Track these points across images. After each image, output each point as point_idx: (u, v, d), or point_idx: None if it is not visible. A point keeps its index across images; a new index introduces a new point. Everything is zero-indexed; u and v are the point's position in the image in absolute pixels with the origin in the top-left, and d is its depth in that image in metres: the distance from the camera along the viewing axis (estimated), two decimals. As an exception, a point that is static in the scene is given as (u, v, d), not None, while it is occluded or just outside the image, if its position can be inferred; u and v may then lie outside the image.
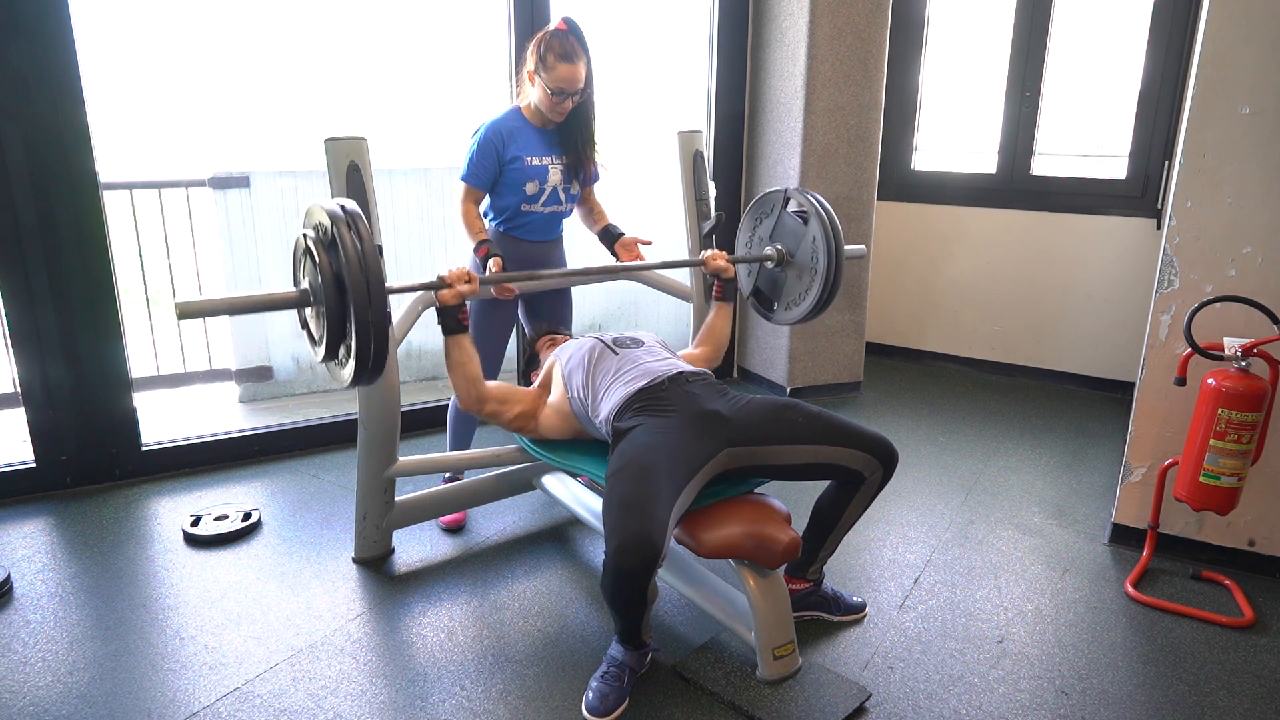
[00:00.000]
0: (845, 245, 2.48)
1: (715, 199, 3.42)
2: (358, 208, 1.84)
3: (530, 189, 2.60)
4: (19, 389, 2.85)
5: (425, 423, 3.54)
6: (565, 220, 2.79)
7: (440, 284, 2.10)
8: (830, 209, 2.44)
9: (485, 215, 2.70)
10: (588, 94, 2.55)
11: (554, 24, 2.48)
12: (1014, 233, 4.26)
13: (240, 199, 3.93)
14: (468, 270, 2.12)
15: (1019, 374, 4.41)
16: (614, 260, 2.74)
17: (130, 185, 4.04)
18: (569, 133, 2.61)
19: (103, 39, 3.64)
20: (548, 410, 2.33)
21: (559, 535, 2.80)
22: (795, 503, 2.35)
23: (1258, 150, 2.34)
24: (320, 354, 1.89)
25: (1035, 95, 4.11)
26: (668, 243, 3.16)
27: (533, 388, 2.41)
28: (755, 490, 2.16)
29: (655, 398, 2.10)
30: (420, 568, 2.58)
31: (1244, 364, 2.30)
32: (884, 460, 2.10)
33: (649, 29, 4.42)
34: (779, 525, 2.01)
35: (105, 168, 2.84)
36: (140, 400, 3.09)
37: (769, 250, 2.58)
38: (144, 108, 4.79)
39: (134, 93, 4.64)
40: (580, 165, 2.65)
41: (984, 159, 4.31)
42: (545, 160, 2.60)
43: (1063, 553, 2.71)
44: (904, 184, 4.50)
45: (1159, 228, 3.84)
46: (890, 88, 4.22)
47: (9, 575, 2.45)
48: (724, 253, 2.52)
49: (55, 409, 2.89)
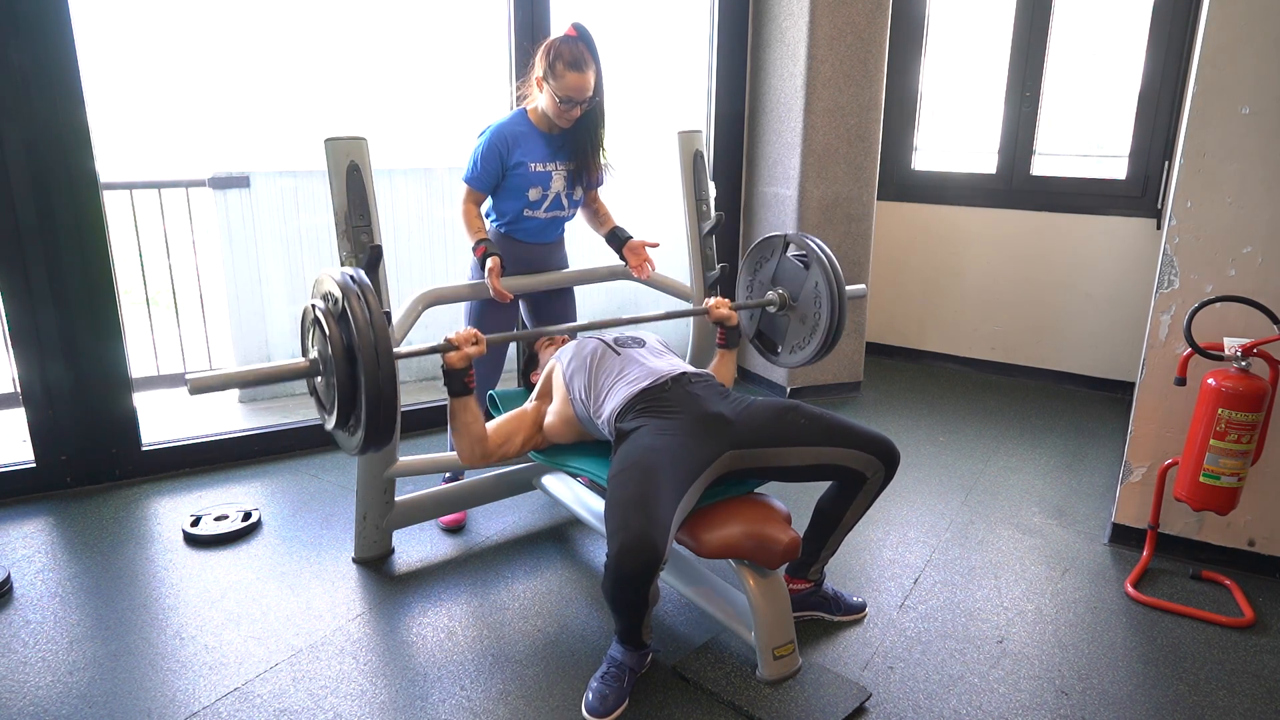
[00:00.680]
0: (846, 286, 2.47)
1: (715, 199, 3.42)
2: (367, 279, 1.83)
3: (533, 194, 2.60)
4: (19, 389, 2.85)
5: (425, 423, 3.54)
6: (568, 223, 2.79)
7: (448, 346, 2.04)
8: (830, 253, 2.43)
9: (486, 216, 2.70)
10: (596, 101, 2.54)
11: (564, 30, 2.45)
12: (1014, 233, 4.26)
13: (240, 199, 3.93)
14: (474, 331, 2.05)
15: (1019, 374, 4.41)
16: (620, 262, 2.75)
17: (130, 185, 4.04)
18: (575, 139, 2.60)
19: (103, 39, 3.64)
20: (551, 418, 2.32)
21: (559, 535, 2.80)
22: (796, 503, 2.35)
23: (1258, 150, 2.34)
24: (331, 422, 1.89)
25: (1035, 95, 4.11)
26: (668, 243, 3.15)
27: (528, 406, 2.38)
28: (755, 490, 2.16)
29: (658, 398, 2.10)
30: (420, 568, 2.58)
31: (1244, 364, 2.30)
32: (885, 460, 2.10)
33: (649, 29, 4.42)
34: (779, 525, 2.01)
35: (105, 168, 2.84)
36: (140, 400, 3.09)
37: (770, 295, 2.58)
38: (144, 108, 4.78)
39: (134, 93, 4.63)
40: (585, 171, 2.64)
41: (984, 159, 4.31)
42: (549, 166, 2.60)
43: (1063, 553, 2.72)
44: (904, 184, 4.50)
45: (1159, 228, 3.84)
46: (890, 88, 4.22)
47: (9, 575, 2.45)
48: (727, 300, 2.49)
49: (55, 409, 2.89)
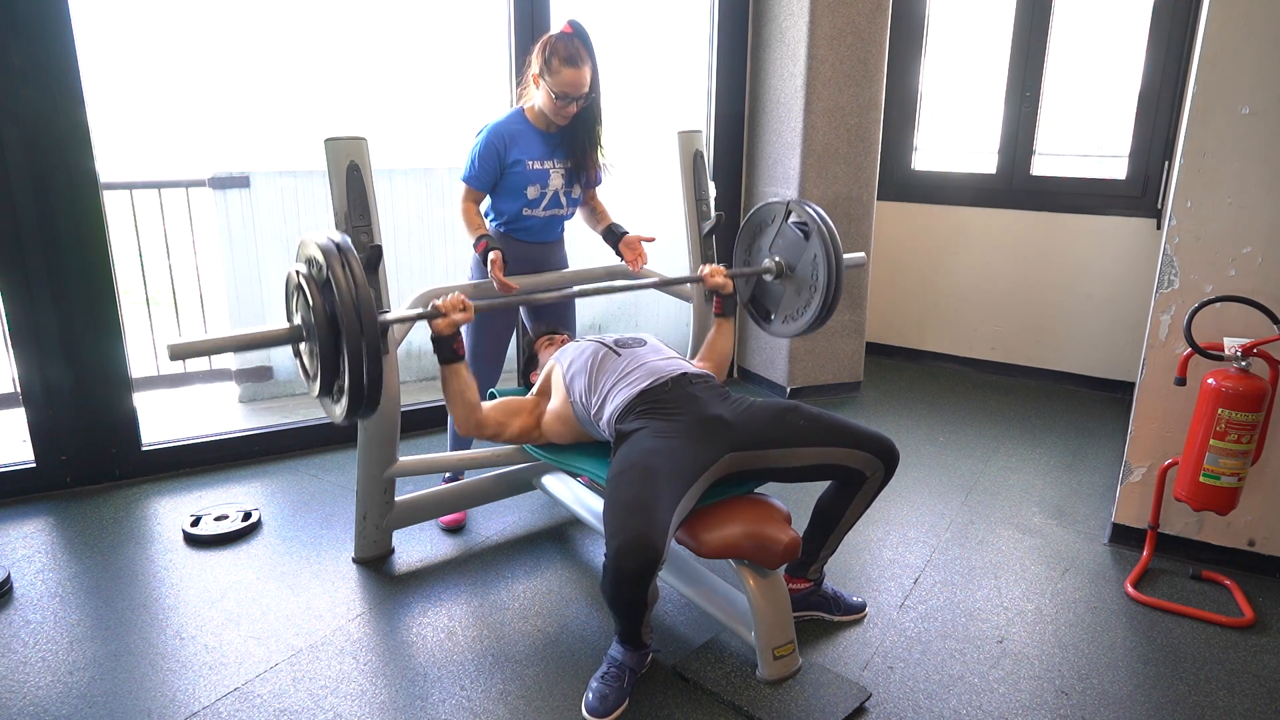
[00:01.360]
0: (845, 255, 2.47)
1: (715, 199, 3.41)
2: (349, 241, 1.82)
3: (531, 192, 2.60)
4: (19, 389, 2.85)
5: (425, 423, 3.54)
6: (567, 222, 2.79)
7: (435, 313, 2.06)
8: (831, 225, 2.43)
9: (486, 215, 2.70)
10: (593, 98, 2.54)
11: (560, 27, 2.46)
12: (1014, 233, 4.26)
13: (240, 199, 3.93)
14: (461, 298, 2.08)
15: (1019, 374, 4.41)
16: (618, 259, 2.74)
17: (130, 185, 4.04)
18: (573, 136, 2.60)
19: (103, 39, 3.64)
20: (549, 417, 2.32)
21: (559, 535, 2.80)
22: (795, 503, 2.35)
23: (1258, 150, 2.34)
24: (315, 389, 1.88)
25: (1035, 95, 4.11)
26: (668, 243, 3.15)
27: (531, 395, 2.40)
28: (755, 490, 2.16)
29: (658, 400, 2.10)
30: (420, 568, 2.58)
31: (1244, 364, 2.30)
32: (885, 459, 2.10)
33: (649, 29, 4.42)
34: (779, 525, 2.01)
35: (105, 168, 2.84)
36: (140, 400, 3.09)
37: (767, 263, 2.57)
38: (144, 108, 4.79)
39: (134, 93, 4.63)
40: (583, 169, 2.64)
41: (984, 159, 4.31)
42: (547, 164, 2.60)
43: (1063, 553, 2.71)
44: (904, 184, 4.50)
45: (1159, 228, 3.84)
46: (890, 88, 4.22)
47: (9, 575, 2.45)
48: (722, 268, 2.49)
49: (55, 409, 2.89)
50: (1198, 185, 2.43)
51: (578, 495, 2.56)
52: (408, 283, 4.04)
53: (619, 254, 2.73)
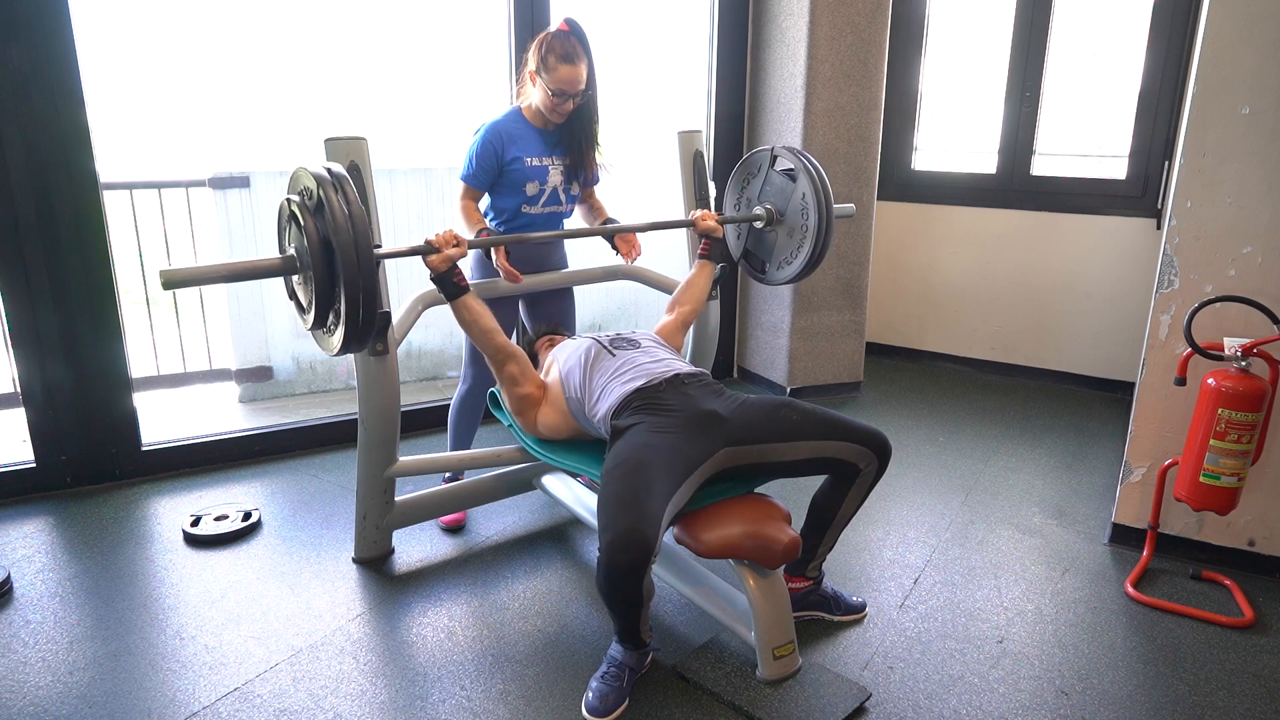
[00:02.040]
0: (835, 204, 2.47)
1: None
2: (344, 170, 1.82)
3: (530, 190, 2.60)
4: (19, 389, 2.85)
5: (425, 423, 3.54)
6: (566, 220, 2.79)
7: (428, 249, 2.11)
8: (819, 165, 2.44)
9: (485, 214, 2.70)
10: (589, 95, 2.55)
11: (556, 25, 2.47)
12: (1014, 233, 4.26)
13: (240, 199, 3.93)
14: (453, 233, 2.14)
15: (1019, 374, 4.41)
16: (613, 254, 2.75)
17: (130, 185, 4.04)
18: (570, 134, 2.60)
19: (103, 39, 3.64)
20: (545, 407, 2.34)
21: (559, 535, 2.80)
22: (795, 503, 2.35)
23: (1258, 150, 2.34)
24: (309, 321, 1.87)
25: (1035, 95, 4.11)
26: (668, 242, 3.15)
27: (540, 377, 2.41)
28: (755, 490, 2.16)
29: (653, 397, 2.11)
30: (420, 568, 2.58)
31: (1244, 364, 2.30)
32: (878, 452, 2.11)
33: (649, 29, 4.42)
34: (779, 525, 2.01)
35: (105, 168, 2.84)
36: (140, 400, 3.09)
37: (758, 210, 2.57)
38: (144, 108, 4.78)
39: (134, 93, 4.63)
40: (581, 166, 2.65)
41: (984, 159, 4.31)
42: (545, 161, 2.60)
43: (1063, 553, 2.71)
44: (904, 184, 4.50)
45: (1159, 228, 3.84)
46: (890, 88, 4.22)
47: (9, 575, 2.45)
48: (714, 213, 2.52)
49: (55, 409, 2.89)
50: (1198, 185, 2.43)
51: (578, 495, 2.56)
52: (407, 282, 4.04)
53: (614, 247, 2.73)
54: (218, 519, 2.78)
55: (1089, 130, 4.24)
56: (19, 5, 2.58)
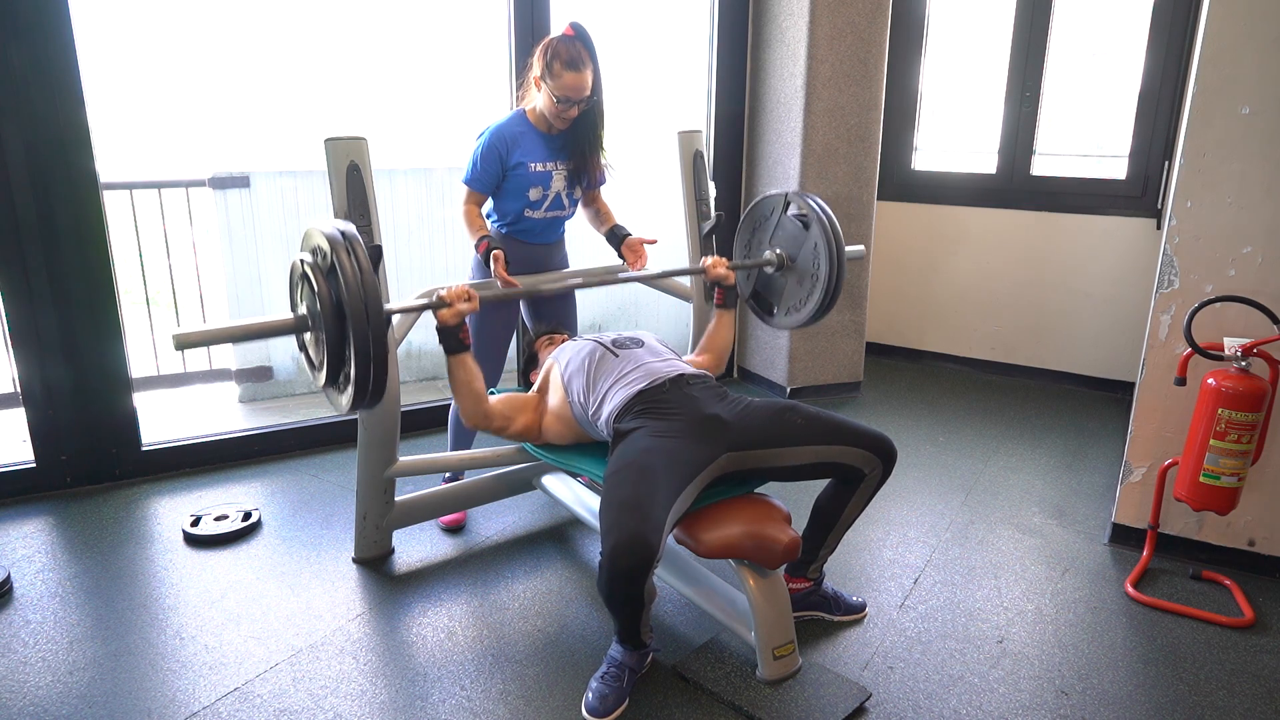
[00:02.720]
0: (846, 247, 2.46)
1: (715, 199, 3.42)
2: (355, 231, 1.82)
3: (534, 194, 2.60)
4: (19, 389, 2.85)
5: (425, 423, 3.54)
6: (568, 222, 2.79)
7: (440, 304, 2.06)
8: (831, 214, 2.43)
9: (487, 217, 2.70)
10: (595, 100, 2.53)
11: (561, 29, 2.45)
12: (1014, 233, 4.26)
13: (240, 199, 3.93)
14: (466, 288, 2.09)
15: (1019, 374, 4.41)
16: (620, 260, 2.75)
17: (130, 185, 4.04)
18: (574, 138, 2.59)
19: (103, 39, 3.64)
20: (549, 417, 2.33)
21: (559, 535, 2.80)
22: (795, 502, 2.35)
23: (1258, 150, 2.34)
24: (321, 379, 1.88)
25: (1035, 95, 4.11)
26: (668, 243, 3.15)
27: (532, 393, 2.40)
28: (755, 490, 2.16)
29: (656, 400, 2.10)
30: (420, 568, 2.58)
31: (1244, 364, 2.30)
32: (883, 457, 2.10)
33: (649, 29, 4.42)
34: (779, 525, 2.01)
35: (105, 168, 2.84)
36: (140, 400, 3.09)
37: (769, 255, 2.57)
38: (144, 108, 4.79)
39: (134, 93, 4.63)
40: (584, 171, 2.64)
41: (984, 159, 4.31)
42: (549, 166, 2.60)
43: (1063, 553, 2.71)
44: (904, 184, 4.50)
45: (1159, 228, 3.84)
46: (890, 88, 4.22)
47: (9, 575, 2.45)
48: (724, 259, 2.50)
49: (55, 409, 2.89)
50: (1198, 185, 2.43)
51: (578, 495, 2.56)
52: (408, 282, 4.04)
53: (621, 255, 2.73)
54: (218, 519, 2.78)
55: (1089, 130, 4.24)
56: (19, 5, 2.58)
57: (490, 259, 2.47)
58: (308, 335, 1.90)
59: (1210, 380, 2.32)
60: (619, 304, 4.65)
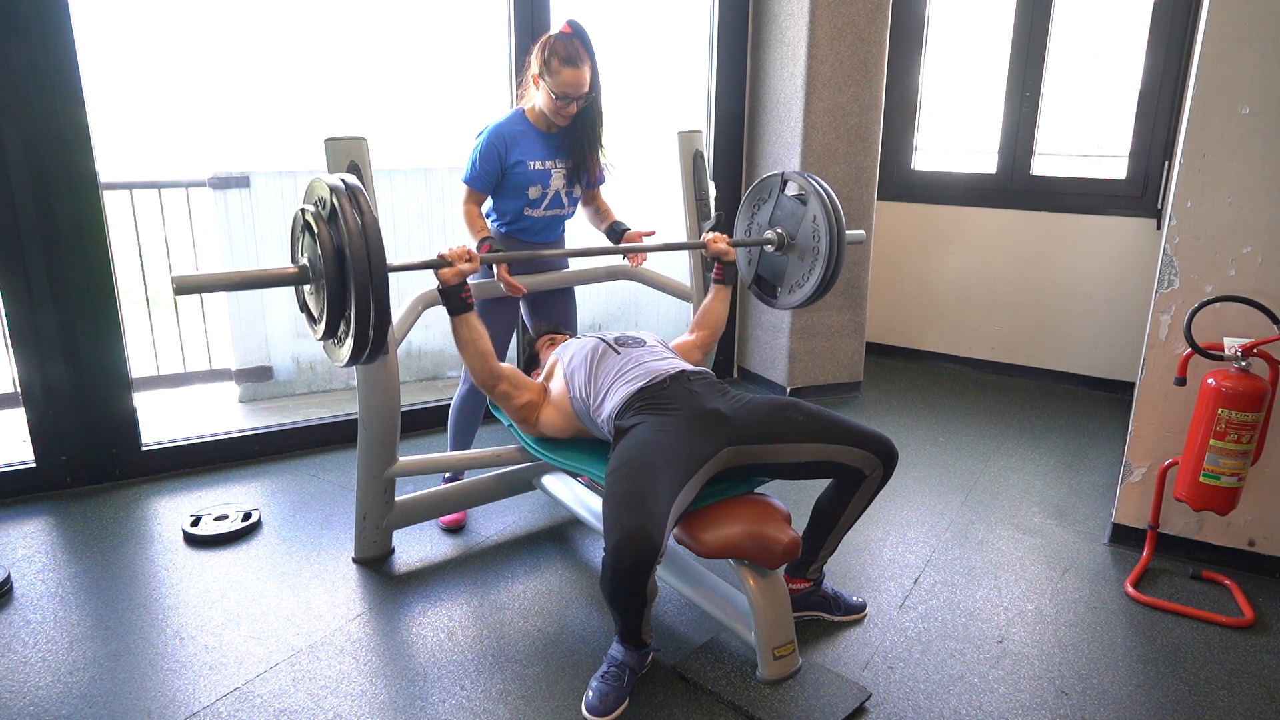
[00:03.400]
0: (846, 228, 2.46)
1: (715, 199, 3.41)
2: (359, 182, 1.82)
3: (533, 193, 2.60)
4: (19, 389, 2.85)
5: (425, 423, 3.54)
6: (569, 220, 2.79)
7: (441, 262, 2.08)
8: (829, 189, 2.43)
9: (487, 216, 2.70)
10: (593, 98, 2.54)
11: (558, 27, 2.46)
12: (1014, 233, 4.26)
13: (240, 199, 3.93)
14: (467, 248, 2.11)
15: (1019, 374, 4.41)
16: (618, 261, 2.75)
17: (130, 185, 4.04)
18: (573, 136, 2.60)
19: (103, 39, 3.64)
20: (548, 407, 2.33)
21: (559, 535, 2.80)
22: (795, 502, 2.35)
23: (1258, 150, 2.34)
24: (320, 331, 1.87)
25: (1035, 95, 4.11)
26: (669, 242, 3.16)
27: (538, 380, 2.41)
28: (755, 490, 2.16)
29: (656, 396, 2.11)
30: (420, 568, 2.58)
31: (1244, 364, 2.30)
32: (884, 458, 2.10)
33: (649, 29, 4.42)
34: (779, 525, 2.01)
35: (105, 168, 2.84)
36: (140, 400, 3.09)
37: (769, 234, 2.57)
38: (144, 108, 4.79)
39: (134, 93, 4.64)
40: (583, 169, 2.64)
41: (984, 159, 4.31)
42: (548, 164, 2.60)
43: (1063, 553, 2.71)
44: (904, 184, 4.50)
45: (1159, 228, 3.84)
46: (890, 88, 4.22)
47: (9, 575, 2.45)
48: (725, 235, 2.52)
49: (55, 409, 2.89)
50: (1198, 185, 2.43)
51: (578, 495, 2.56)
52: (407, 282, 4.05)
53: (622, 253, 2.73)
54: (218, 519, 2.78)
55: (1089, 130, 4.24)
56: (19, 5, 2.58)
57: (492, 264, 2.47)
58: (308, 288, 1.89)
59: (1210, 380, 2.32)
60: (619, 304, 4.65)
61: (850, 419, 2.13)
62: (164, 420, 3.58)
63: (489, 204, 2.68)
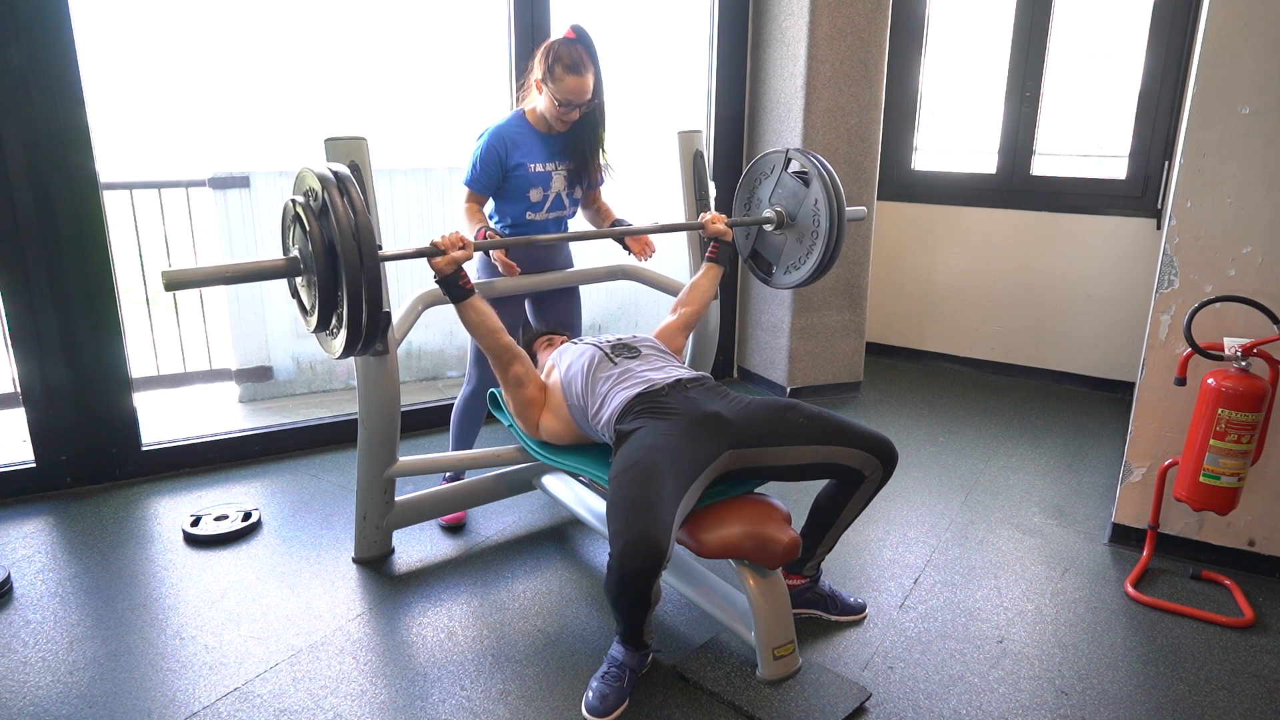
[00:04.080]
0: (847, 207, 2.45)
1: (715, 199, 3.41)
2: (349, 171, 1.81)
3: (534, 195, 2.60)
4: (19, 389, 2.85)
5: (425, 423, 3.54)
6: (570, 221, 2.79)
7: (434, 251, 2.08)
8: (832, 170, 2.42)
9: (490, 218, 2.70)
10: (595, 103, 2.53)
11: (563, 32, 2.44)
12: (1014, 233, 4.26)
13: (240, 199, 3.93)
14: (460, 235, 2.11)
15: (1019, 374, 4.41)
16: (623, 254, 2.74)
17: (130, 185, 4.04)
18: (574, 140, 2.59)
19: (103, 39, 3.64)
20: (548, 413, 2.33)
21: (559, 535, 2.80)
22: (795, 502, 2.35)
23: (1258, 150, 2.34)
24: (312, 323, 1.86)
25: (1035, 95, 4.11)
26: (669, 242, 3.15)
27: (541, 379, 2.40)
28: (755, 490, 2.16)
29: (656, 401, 2.11)
30: (420, 568, 2.58)
31: (1244, 364, 2.30)
32: (884, 459, 2.10)
33: (649, 29, 4.42)
34: (779, 525, 2.01)
35: (105, 168, 2.84)
36: (140, 400, 3.09)
37: (768, 213, 2.55)
38: (144, 108, 4.78)
39: (134, 93, 4.63)
40: (584, 172, 2.64)
41: (984, 159, 4.31)
42: (549, 167, 2.60)
43: (1063, 553, 2.71)
44: (904, 184, 4.50)
45: (1159, 228, 3.84)
46: (890, 88, 4.22)
47: (9, 575, 2.45)
48: (723, 215, 2.50)
49: (55, 409, 2.89)
50: (1198, 185, 2.43)
51: (578, 495, 2.56)
52: (407, 282, 4.04)
53: (626, 249, 2.73)
54: (218, 519, 2.78)
55: (1089, 130, 4.24)
56: (19, 5, 2.58)
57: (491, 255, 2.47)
58: (299, 279, 1.87)
59: (1210, 380, 2.32)
60: (619, 304, 4.66)
61: (850, 420, 2.13)
62: (164, 420, 3.58)
63: (491, 206, 2.68)
